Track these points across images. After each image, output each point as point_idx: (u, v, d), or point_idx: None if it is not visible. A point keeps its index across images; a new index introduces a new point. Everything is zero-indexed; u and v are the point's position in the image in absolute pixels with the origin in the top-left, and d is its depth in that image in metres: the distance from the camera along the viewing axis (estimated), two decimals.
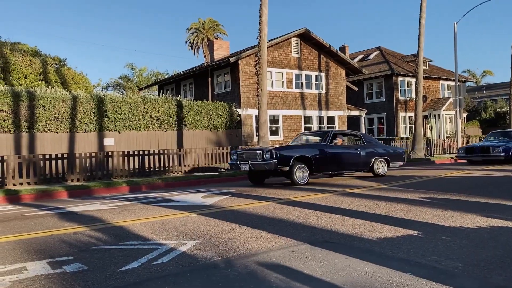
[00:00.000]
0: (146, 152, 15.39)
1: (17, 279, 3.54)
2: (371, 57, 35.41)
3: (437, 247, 4.15)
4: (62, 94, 16.23)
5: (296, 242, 4.54)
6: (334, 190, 9.46)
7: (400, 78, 31.06)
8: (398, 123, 30.94)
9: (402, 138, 27.80)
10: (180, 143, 18.91)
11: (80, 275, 3.60)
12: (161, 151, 15.87)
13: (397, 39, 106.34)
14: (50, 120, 15.69)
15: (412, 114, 29.41)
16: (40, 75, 25.65)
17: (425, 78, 29.98)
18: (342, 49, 32.84)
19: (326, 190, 9.51)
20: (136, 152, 15.20)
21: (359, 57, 36.67)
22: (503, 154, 16.28)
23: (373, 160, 12.42)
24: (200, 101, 20.16)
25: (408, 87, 31.45)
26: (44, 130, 15.64)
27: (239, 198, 8.62)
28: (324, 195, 8.52)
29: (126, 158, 14.81)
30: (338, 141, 12.05)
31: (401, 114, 31.22)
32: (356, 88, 29.76)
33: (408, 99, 31.27)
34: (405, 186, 9.71)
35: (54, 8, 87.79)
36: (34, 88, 16.35)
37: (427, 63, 34.32)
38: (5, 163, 12.56)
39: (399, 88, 31.06)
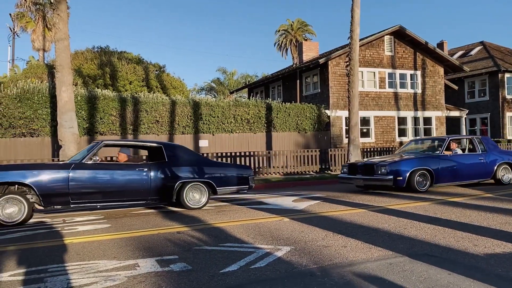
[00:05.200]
0: (237, 154, 16.10)
1: (131, 274, 3.92)
2: (472, 53, 32.78)
3: None
4: (162, 99, 17.45)
5: (393, 253, 4.41)
6: (433, 198, 8.96)
7: (507, 75, 28.33)
8: (505, 124, 28.24)
9: (509, 141, 25.36)
10: (269, 145, 19.23)
11: (185, 274, 3.87)
12: (251, 153, 16.44)
13: (503, 33, 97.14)
14: (151, 123, 16.94)
15: None
16: (142, 81, 27.74)
17: None
18: (440, 45, 30.82)
19: (425, 198, 9.04)
20: (228, 154, 15.96)
21: (459, 53, 34.16)
22: (391, 177, 9.85)
23: (178, 184, 8.07)
24: (289, 103, 20.32)
25: None
26: (146, 132, 16.93)
27: (331, 203, 8.56)
28: (422, 204, 8.12)
29: (219, 159, 15.51)
30: (121, 157, 8.56)
31: (508, 114, 28.44)
32: (455, 87, 27.77)
33: None
34: None
35: (156, 18, 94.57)
36: (138, 94, 17.78)
37: None
38: None
39: (506, 85, 28.33)
